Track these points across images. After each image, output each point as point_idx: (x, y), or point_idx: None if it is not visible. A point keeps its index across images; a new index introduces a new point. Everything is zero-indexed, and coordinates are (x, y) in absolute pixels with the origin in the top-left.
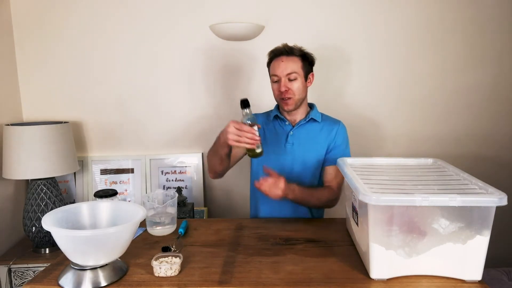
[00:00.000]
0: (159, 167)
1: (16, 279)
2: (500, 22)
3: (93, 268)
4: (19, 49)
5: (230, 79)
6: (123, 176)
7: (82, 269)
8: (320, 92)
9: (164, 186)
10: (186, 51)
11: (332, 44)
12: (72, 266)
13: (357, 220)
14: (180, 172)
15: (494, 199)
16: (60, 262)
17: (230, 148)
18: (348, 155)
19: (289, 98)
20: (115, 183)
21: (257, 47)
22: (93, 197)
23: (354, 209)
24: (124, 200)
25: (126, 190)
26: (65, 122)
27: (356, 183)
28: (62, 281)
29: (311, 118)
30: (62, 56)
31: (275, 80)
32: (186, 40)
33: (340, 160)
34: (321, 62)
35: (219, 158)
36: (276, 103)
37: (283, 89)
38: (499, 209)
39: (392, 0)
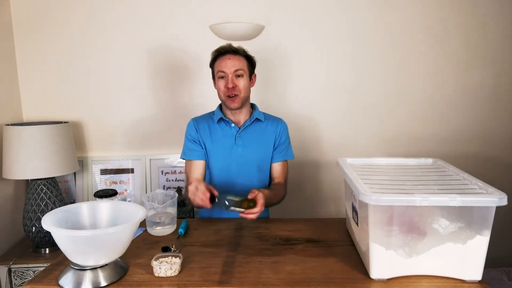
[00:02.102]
0: (159, 167)
1: (16, 279)
2: (501, 22)
3: (93, 268)
4: (19, 49)
5: None
6: (123, 176)
7: (82, 269)
8: (321, 92)
9: (164, 186)
10: (186, 51)
11: (332, 44)
12: (72, 266)
13: (357, 220)
14: (180, 172)
15: (494, 199)
16: (60, 262)
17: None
18: (291, 151)
19: (236, 96)
20: (115, 183)
21: (257, 47)
22: (93, 197)
23: (354, 209)
24: (124, 200)
25: (126, 190)
26: (65, 122)
27: (356, 183)
28: (62, 281)
29: (256, 118)
30: (62, 56)
31: (221, 76)
32: (186, 40)
33: (340, 160)
34: (320, 61)
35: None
36: (218, 104)
37: (230, 85)
38: (499, 209)
39: (393, 0)
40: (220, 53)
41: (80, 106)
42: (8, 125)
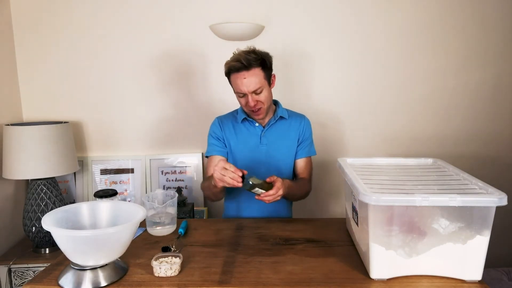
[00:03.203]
0: (159, 167)
1: (16, 279)
2: (501, 22)
3: (93, 268)
4: (19, 49)
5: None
6: (123, 176)
7: (82, 269)
8: (321, 92)
9: (164, 186)
10: (186, 51)
11: (332, 44)
12: (72, 266)
13: (357, 220)
14: (180, 172)
15: (494, 199)
16: (60, 262)
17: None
18: (314, 148)
19: (259, 108)
20: (115, 183)
21: (257, 47)
22: (93, 197)
23: (354, 209)
24: (124, 200)
25: (126, 190)
26: (65, 122)
27: (356, 183)
28: (62, 281)
29: (280, 116)
30: (62, 56)
31: (241, 96)
32: (186, 40)
33: (340, 160)
34: (320, 61)
35: (213, 193)
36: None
37: (252, 104)
38: (499, 209)
39: (393, 0)
40: (233, 70)
41: (80, 106)
42: (8, 125)
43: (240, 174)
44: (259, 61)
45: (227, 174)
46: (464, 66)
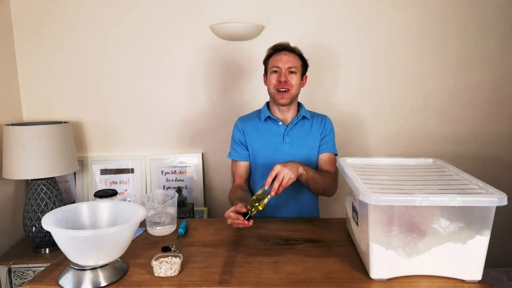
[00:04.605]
0: (159, 167)
1: (16, 279)
2: (501, 22)
3: (93, 268)
4: (19, 49)
5: (230, 79)
6: (123, 176)
7: (82, 269)
8: (320, 92)
9: (164, 186)
10: (186, 51)
11: (332, 44)
12: (72, 266)
13: (357, 220)
14: (180, 172)
15: (494, 199)
16: (60, 262)
17: None
18: (335, 147)
19: (287, 91)
20: (115, 183)
21: (256, 47)
22: (93, 197)
23: (354, 209)
24: (124, 200)
25: (126, 190)
26: (65, 122)
27: (356, 183)
28: (62, 281)
29: (303, 116)
30: (62, 56)
31: (275, 71)
32: (186, 40)
33: (340, 160)
34: (320, 61)
35: None
36: (265, 103)
37: (283, 79)
38: (499, 209)
39: (393, 0)
40: (277, 50)
41: (80, 106)
42: (8, 125)
43: (242, 219)
44: (301, 55)
45: (234, 221)
46: (464, 66)
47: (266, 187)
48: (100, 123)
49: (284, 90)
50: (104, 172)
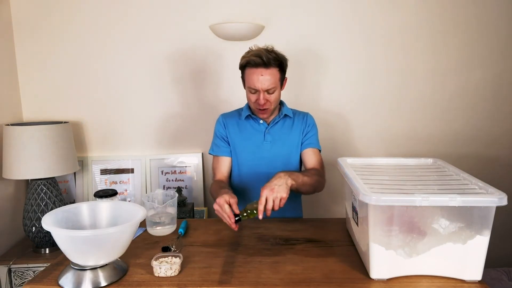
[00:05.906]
0: (159, 167)
1: (16, 279)
2: (501, 22)
3: (93, 268)
4: (19, 49)
5: (230, 79)
6: (123, 176)
7: (82, 269)
8: (320, 92)
9: (164, 186)
10: (186, 51)
11: (333, 44)
12: (72, 266)
13: (357, 220)
14: (180, 172)
15: (494, 199)
16: (60, 262)
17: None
18: (319, 143)
19: (266, 108)
20: (115, 183)
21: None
22: (93, 197)
23: (354, 209)
24: (124, 200)
25: (126, 190)
26: (65, 122)
27: (356, 183)
28: (62, 281)
29: (285, 114)
30: (62, 56)
31: (252, 92)
32: (186, 40)
33: (340, 160)
34: (320, 61)
35: None
36: (246, 102)
37: (262, 102)
38: (499, 209)
39: (394, 0)
40: (251, 65)
41: (80, 106)
42: (8, 125)
43: (234, 220)
44: (278, 62)
45: (224, 216)
46: (464, 66)
47: (260, 217)
48: (100, 123)
49: (264, 108)
50: (104, 172)
